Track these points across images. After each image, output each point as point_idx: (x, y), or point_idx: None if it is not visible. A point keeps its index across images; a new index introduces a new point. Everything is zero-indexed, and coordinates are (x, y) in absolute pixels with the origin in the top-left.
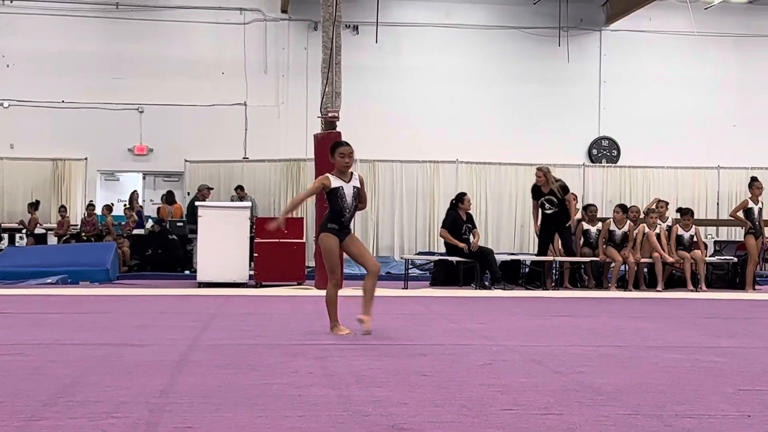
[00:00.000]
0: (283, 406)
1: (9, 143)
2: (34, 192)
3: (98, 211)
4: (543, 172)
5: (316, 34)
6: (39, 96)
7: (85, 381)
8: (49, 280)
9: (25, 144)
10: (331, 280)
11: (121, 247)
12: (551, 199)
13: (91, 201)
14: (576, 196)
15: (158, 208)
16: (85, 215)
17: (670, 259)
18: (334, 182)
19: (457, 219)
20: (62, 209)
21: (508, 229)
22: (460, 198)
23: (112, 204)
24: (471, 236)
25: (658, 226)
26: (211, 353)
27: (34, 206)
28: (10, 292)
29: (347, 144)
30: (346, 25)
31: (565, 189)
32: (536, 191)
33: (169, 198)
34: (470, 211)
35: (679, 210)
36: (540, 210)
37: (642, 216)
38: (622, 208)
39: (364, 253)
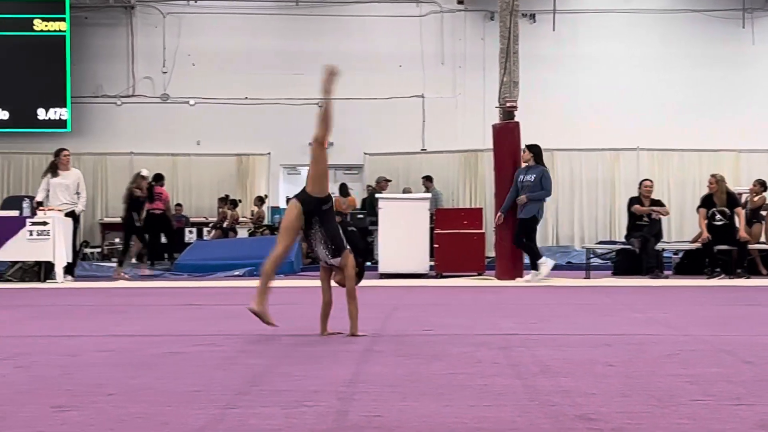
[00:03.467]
0: (468, 396)
1: (195, 140)
2: (220, 187)
3: (282, 204)
4: (716, 178)
5: (493, 24)
6: (223, 93)
7: (276, 371)
8: (236, 273)
9: (210, 140)
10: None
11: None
12: (723, 210)
13: (260, 195)
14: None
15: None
16: (254, 210)
17: None
18: None
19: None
20: (233, 203)
21: (692, 217)
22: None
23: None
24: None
25: None
26: (395, 343)
27: (224, 201)
28: (199, 284)
29: None
30: (522, 14)
31: (735, 201)
32: (707, 201)
33: (342, 190)
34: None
35: None
36: (708, 221)
37: None
38: None
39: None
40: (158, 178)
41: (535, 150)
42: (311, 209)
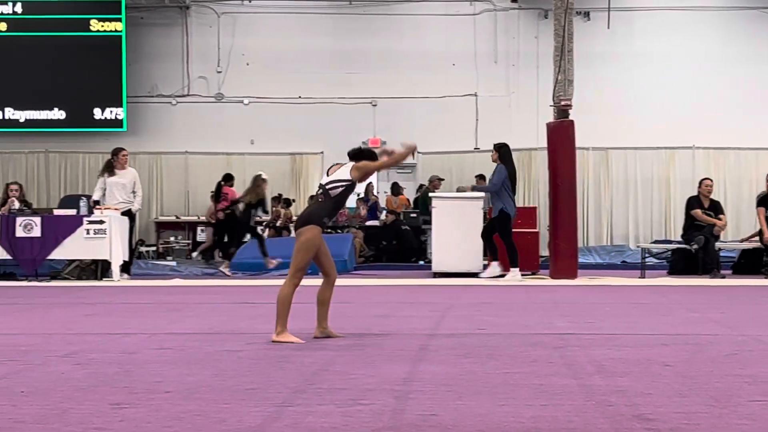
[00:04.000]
0: (524, 396)
1: (249, 139)
2: (274, 186)
3: None
4: None
5: (547, 22)
6: (277, 92)
7: (331, 369)
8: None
9: (264, 139)
10: (296, 278)
11: (356, 239)
12: None
13: (287, 198)
14: None
15: (385, 200)
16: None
17: None
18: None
19: None
20: (286, 202)
21: (749, 216)
22: None
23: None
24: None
25: None
26: (450, 342)
27: (278, 200)
28: (253, 282)
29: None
30: (577, 12)
31: None
32: (766, 200)
33: (394, 189)
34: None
35: None
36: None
37: None
38: None
39: (330, 256)
40: (228, 178)
41: (499, 149)
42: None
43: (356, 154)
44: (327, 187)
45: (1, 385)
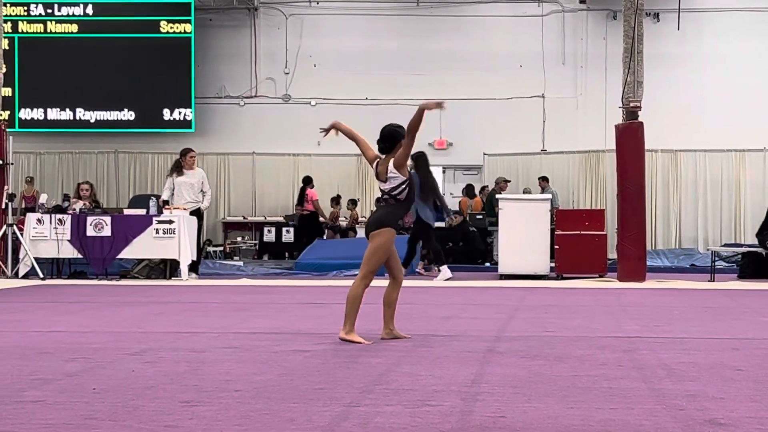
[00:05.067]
0: (593, 398)
1: (316, 140)
2: (340, 187)
3: None
4: None
5: (615, 23)
6: (343, 94)
7: (398, 370)
8: (356, 272)
9: (330, 140)
10: (367, 279)
11: None
12: None
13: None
14: None
15: (459, 201)
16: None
17: None
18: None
19: None
20: (353, 202)
21: None
22: None
23: None
24: None
25: None
26: (517, 344)
27: (335, 201)
28: (319, 283)
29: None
30: (646, 13)
31: None
32: None
33: (469, 191)
34: None
35: None
36: None
37: None
38: None
39: (398, 258)
40: (307, 181)
41: (416, 160)
42: None
43: (385, 143)
44: (393, 193)
45: (73, 382)
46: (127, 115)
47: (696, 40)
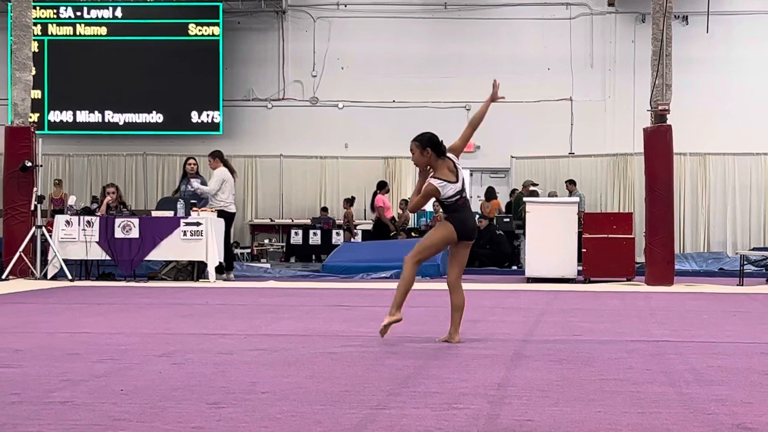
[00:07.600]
0: (621, 403)
1: (343, 143)
2: (367, 189)
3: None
4: None
5: (644, 26)
6: (371, 97)
7: (425, 373)
8: (383, 275)
9: (358, 143)
10: (419, 263)
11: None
12: None
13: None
14: None
15: (480, 205)
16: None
17: None
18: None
19: None
20: (347, 201)
21: None
22: None
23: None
24: None
25: None
26: (544, 348)
27: (349, 202)
28: (347, 285)
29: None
30: (675, 16)
31: None
32: None
33: (488, 194)
34: None
35: None
36: None
37: None
38: None
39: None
40: (380, 186)
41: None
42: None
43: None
44: (464, 194)
45: (101, 383)
46: (156, 117)
47: (725, 43)
